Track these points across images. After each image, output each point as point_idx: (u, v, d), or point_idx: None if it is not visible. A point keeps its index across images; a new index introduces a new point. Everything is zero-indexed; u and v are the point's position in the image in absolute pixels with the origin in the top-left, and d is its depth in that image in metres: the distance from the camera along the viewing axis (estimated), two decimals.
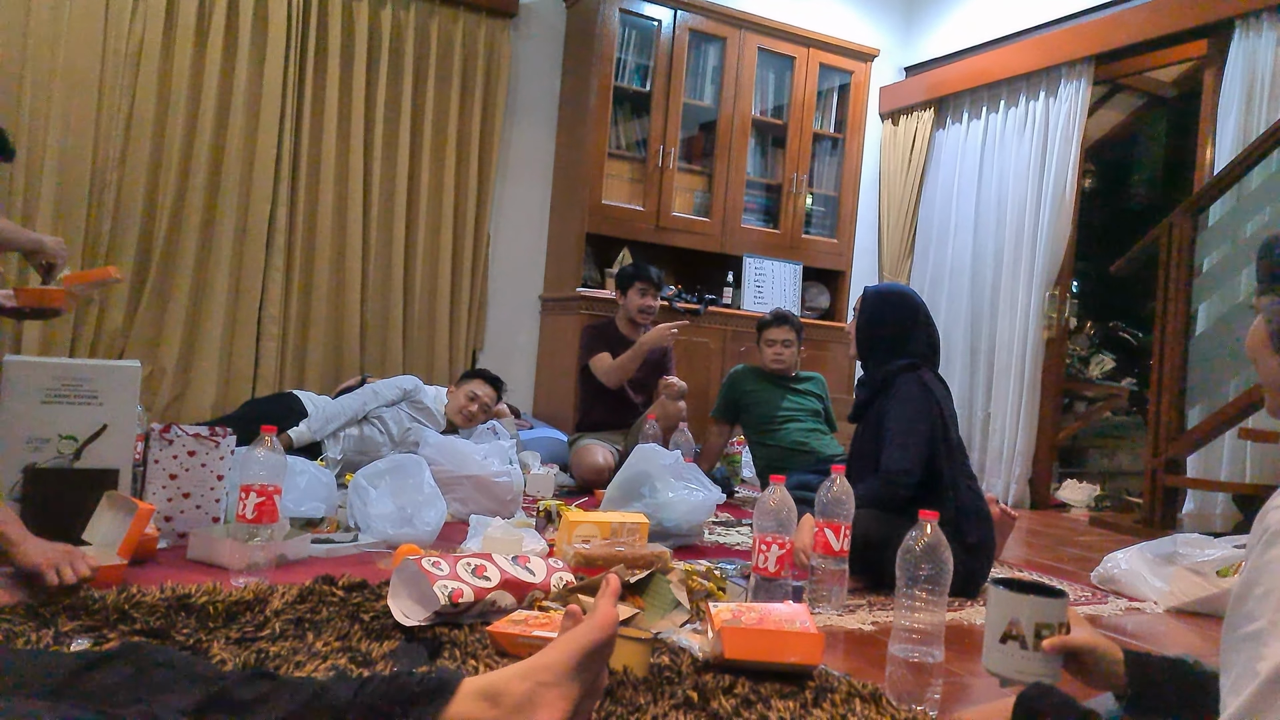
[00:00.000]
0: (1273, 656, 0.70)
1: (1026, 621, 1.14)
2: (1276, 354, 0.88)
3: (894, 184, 5.38)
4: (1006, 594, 1.17)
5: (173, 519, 2.11)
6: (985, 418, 4.73)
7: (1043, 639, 1.13)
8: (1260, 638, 0.71)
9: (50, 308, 2.25)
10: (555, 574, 1.80)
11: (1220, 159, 3.74)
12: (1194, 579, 2.36)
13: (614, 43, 4.47)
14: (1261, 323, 0.90)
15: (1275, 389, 0.90)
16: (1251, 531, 0.76)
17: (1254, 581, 0.74)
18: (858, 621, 1.96)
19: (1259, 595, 0.73)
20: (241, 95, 3.98)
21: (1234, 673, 0.74)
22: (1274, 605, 0.71)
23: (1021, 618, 1.15)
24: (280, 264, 4.09)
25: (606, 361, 3.74)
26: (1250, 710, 0.71)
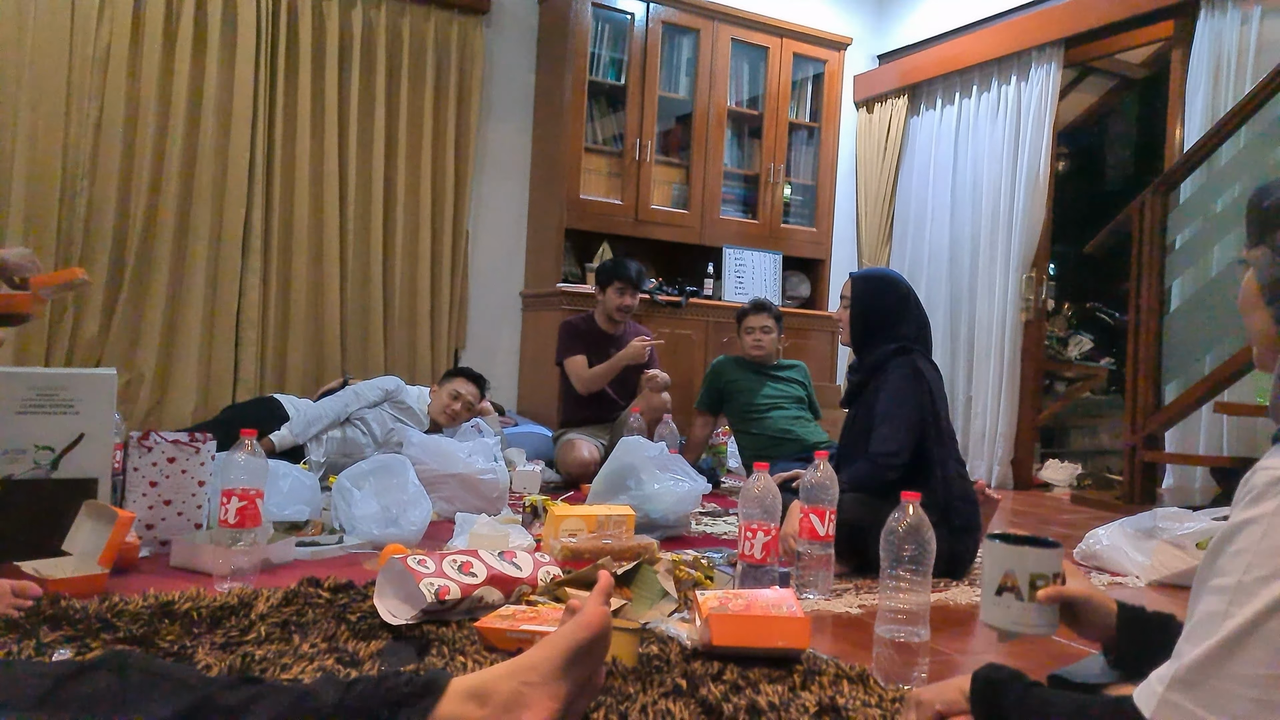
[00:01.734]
0: (1238, 616, 0.71)
1: (1021, 573, 1.13)
2: (1268, 307, 0.88)
3: (870, 172, 5.40)
4: (1002, 546, 1.16)
5: (154, 526, 2.10)
6: (967, 401, 4.76)
7: (1038, 590, 1.12)
8: (1226, 594, 0.73)
9: (18, 313, 2.22)
10: (542, 568, 1.80)
11: (1190, 137, 3.78)
12: (1174, 552, 2.39)
13: (587, 37, 4.46)
14: (1252, 276, 0.90)
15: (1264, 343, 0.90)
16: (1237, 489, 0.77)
17: (1230, 537, 0.75)
18: (845, 605, 1.97)
19: (1232, 552, 0.74)
20: (212, 98, 3.94)
21: (1195, 621, 0.76)
22: (1244, 565, 0.72)
23: (1016, 569, 1.14)
24: (257, 267, 4.06)
25: (580, 366, 3.75)
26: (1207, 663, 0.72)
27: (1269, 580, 0.71)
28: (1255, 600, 0.71)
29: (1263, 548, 0.72)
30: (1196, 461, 3.70)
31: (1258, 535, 0.72)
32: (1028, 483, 4.57)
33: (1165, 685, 0.75)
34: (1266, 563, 0.71)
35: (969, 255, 4.82)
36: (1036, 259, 4.52)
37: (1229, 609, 0.72)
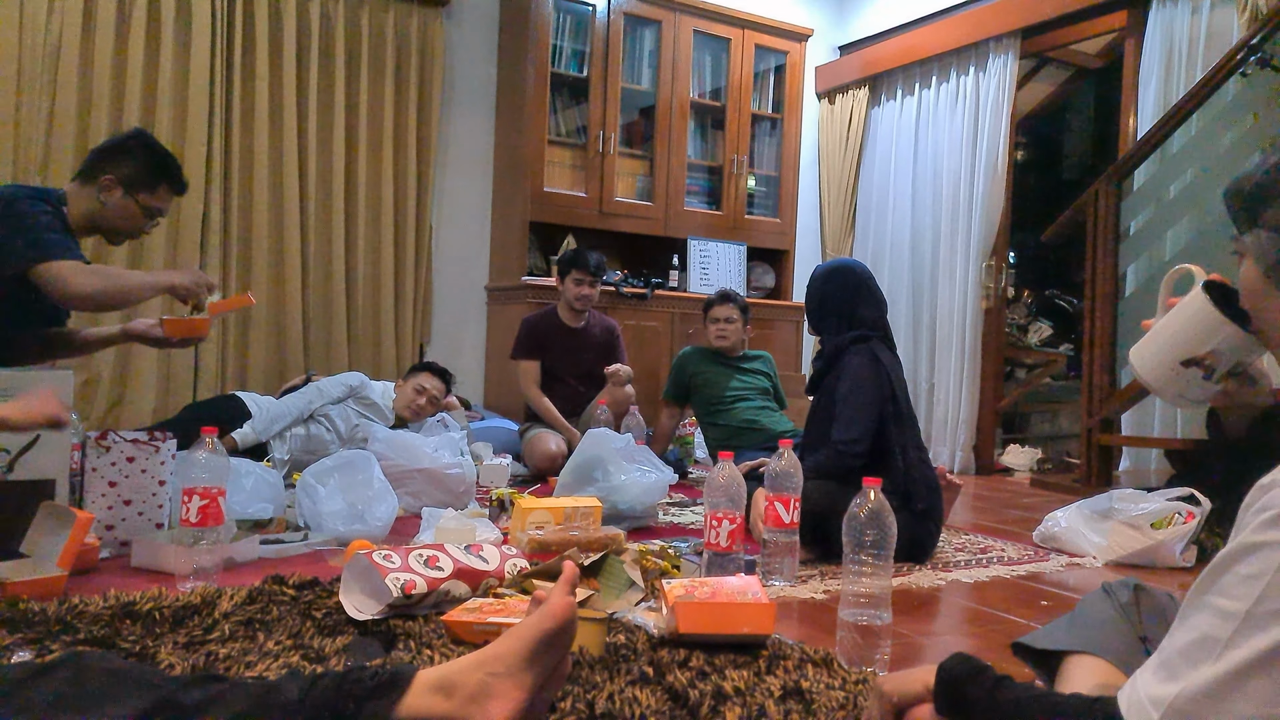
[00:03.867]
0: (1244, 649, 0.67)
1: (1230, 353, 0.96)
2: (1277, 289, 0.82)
3: (833, 162, 5.44)
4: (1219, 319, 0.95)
5: (114, 527, 2.07)
6: (929, 388, 4.83)
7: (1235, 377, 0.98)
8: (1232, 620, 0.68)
9: (196, 337, 2.38)
10: (509, 561, 1.80)
11: (1143, 126, 3.86)
12: (1129, 532, 2.45)
13: (549, 29, 4.44)
14: (1251, 265, 0.85)
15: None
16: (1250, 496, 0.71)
17: (1242, 557, 0.69)
18: (810, 591, 2.00)
19: (1244, 574, 0.68)
20: (167, 91, 3.87)
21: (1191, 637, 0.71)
22: (1256, 594, 0.67)
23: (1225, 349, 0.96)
24: (216, 264, 3.99)
25: (530, 374, 3.77)
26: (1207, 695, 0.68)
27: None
28: (1265, 635, 0.66)
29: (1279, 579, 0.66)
30: (1151, 444, 3.79)
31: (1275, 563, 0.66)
32: (989, 468, 4.65)
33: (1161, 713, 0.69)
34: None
35: (930, 244, 4.88)
36: (996, 247, 4.59)
37: (1234, 638, 0.67)
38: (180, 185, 2.38)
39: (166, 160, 2.35)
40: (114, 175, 2.25)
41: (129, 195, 2.27)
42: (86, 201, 2.25)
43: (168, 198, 2.35)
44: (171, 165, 2.35)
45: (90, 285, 2.10)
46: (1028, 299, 6.04)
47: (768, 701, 1.26)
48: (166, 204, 2.36)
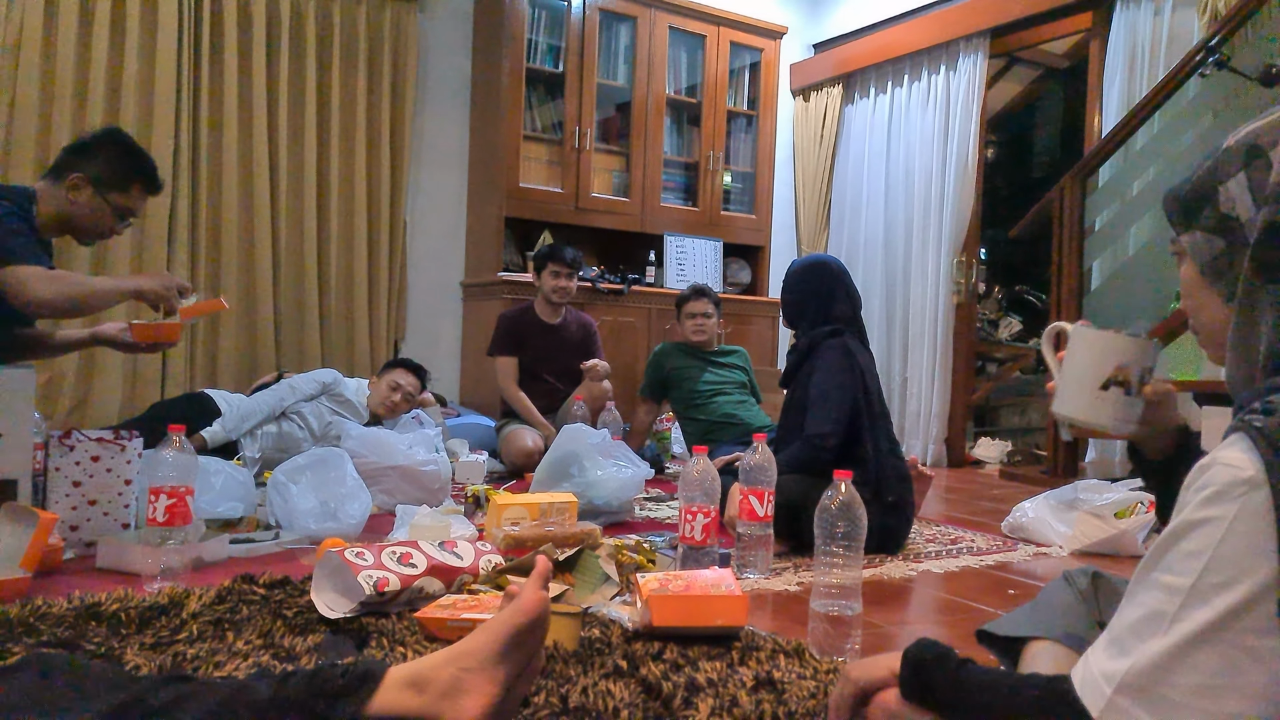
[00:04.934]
0: (1188, 622, 0.69)
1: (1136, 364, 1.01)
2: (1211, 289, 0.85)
3: (807, 159, 5.47)
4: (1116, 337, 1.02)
5: (79, 528, 2.04)
6: (903, 382, 4.88)
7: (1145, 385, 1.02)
8: (1177, 595, 0.70)
9: (166, 342, 2.35)
10: (484, 557, 1.79)
11: (1107, 124, 3.91)
12: (1095, 522, 2.49)
13: (524, 24, 4.43)
14: (1190, 265, 0.87)
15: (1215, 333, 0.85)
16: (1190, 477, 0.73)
17: (1184, 533, 0.71)
18: (783, 583, 2.01)
19: (1187, 550, 0.71)
20: (133, 84, 3.81)
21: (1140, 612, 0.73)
22: (1199, 568, 0.69)
23: (1132, 361, 1.01)
24: (184, 259, 3.94)
25: (508, 370, 3.76)
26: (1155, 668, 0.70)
27: (1224, 588, 0.68)
28: (1208, 608, 0.68)
29: (1221, 553, 0.69)
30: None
31: (1216, 538, 0.69)
32: (961, 460, 4.70)
33: (1114, 688, 0.72)
34: (1222, 569, 0.68)
35: (903, 240, 4.92)
36: (967, 243, 4.64)
37: (1179, 611, 0.70)
38: (154, 185, 2.33)
39: (140, 159, 2.30)
40: (84, 174, 2.20)
41: (99, 194, 2.22)
42: (56, 200, 2.20)
43: (140, 198, 2.30)
44: (145, 164, 2.30)
45: (50, 291, 2.04)
46: (998, 294, 6.11)
47: (740, 692, 1.27)
48: (139, 204, 2.31)
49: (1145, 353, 1.02)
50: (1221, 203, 0.82)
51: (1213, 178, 0.84)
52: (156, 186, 2.34)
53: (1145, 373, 1.02)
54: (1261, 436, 0.70)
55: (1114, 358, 1.01)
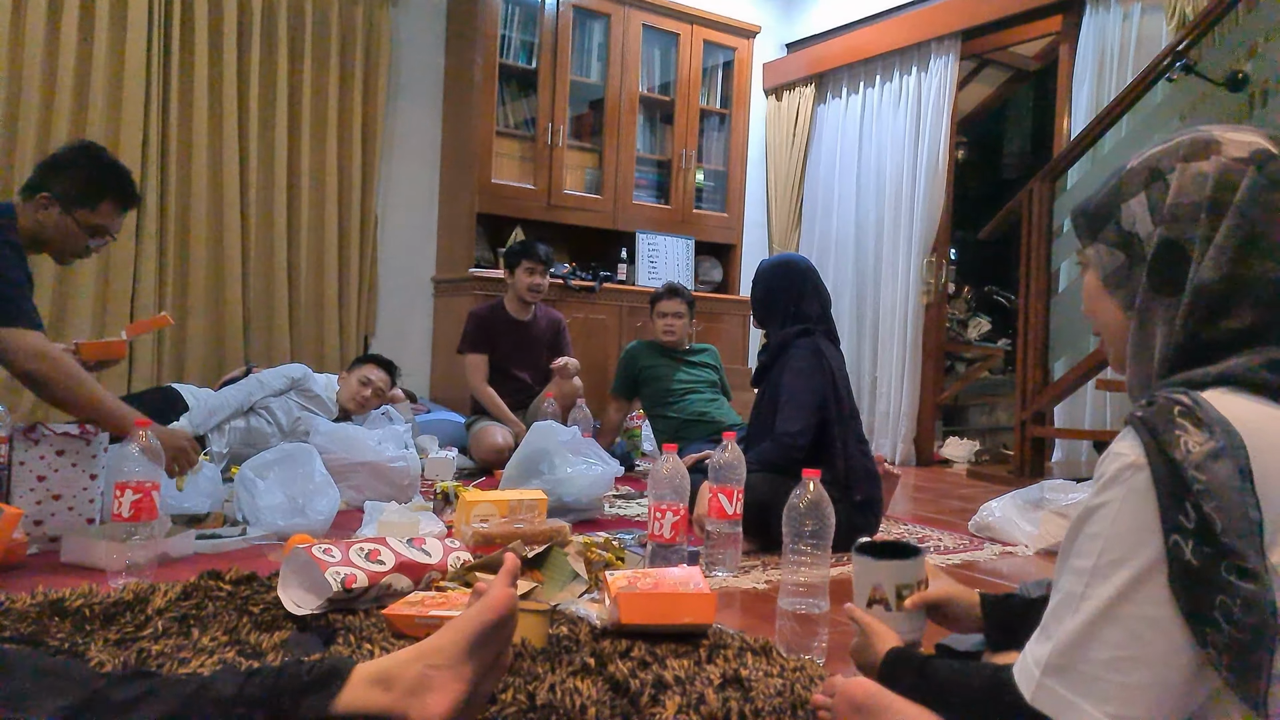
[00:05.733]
0: (1093, 599, 0.76)
1: (888, 584, 1.21)
2: (1110, 297, 0.92)
3: (780, 158, 5.50)
4: (868, 560, 1.23)
5: (43, 523, 2.01)
6: (872, 381, 4.92)
7: (904, 599, 1.21)
8: (1084, 576, 0.78)
9: (111, 358, 2.36)
10: (452, 554, 1.79)
11: (1076, 127, 3.98)
12: (1060, 521, 2.53)
13: (497, 20, 4.41)
14: (1092, 275, 0.95)
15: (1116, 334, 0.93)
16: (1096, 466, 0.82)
17: (1086, 519, 0.79)
18: (751, 581, 2.03)
19: (1088, 534, 0.78)
20: (101, 76, 3.75)
21: (1059, 597, 0.81)
22: (1098, 548, 0.77)
23: (883, 582, 1.21)
24: (152, 253, 3.89)
25: (478, 368, 3.76)
26: (1071, 647, 0.78)
27: (1119, 564, 0.75)
28: (1107, 584, 0.75)
29: (1113, 532, 0.76)
30: (1081, 435, 3.92)
31: (1109, 519, 0.76)
32: (929, 459, 4.76)
33: (1041, 669, 0.79)
34: (1117, 547, 0.76)
35: (874, 240, 4.96)
36: (937, 244, 4.69)
37: (1085, 590, 0.77)
38: (127, 199, 2.22)
39: (110, 173, 2.19)
40: (50, 193, 2.10)
41: (66, 213, 2.12)
42: (28, 219, 2.11)
43: (113, 214, 2.19)
44: (114, 179, 2.19)
45: (37, 371, 1.96)
46: (967, 295, 6.19)
47: (707, 690, 1.28)
48: (112, 221, 2.20)
49: (898, 572, 1.20)
50: (1123, 219, 0.89)
51: (1116, 196, 0.91)
52: (130, 200, 2.23)
53: (902, 589, 1.20)
54: (1143, 423, 0.77)
55: (868, 580, 1.22)
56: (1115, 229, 0.90)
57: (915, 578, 1.22)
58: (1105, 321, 0.94)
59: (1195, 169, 0.84)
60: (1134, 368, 0.89)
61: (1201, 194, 0.83)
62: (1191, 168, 0.85)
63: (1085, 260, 0.96)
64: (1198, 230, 0.83)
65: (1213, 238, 0.82)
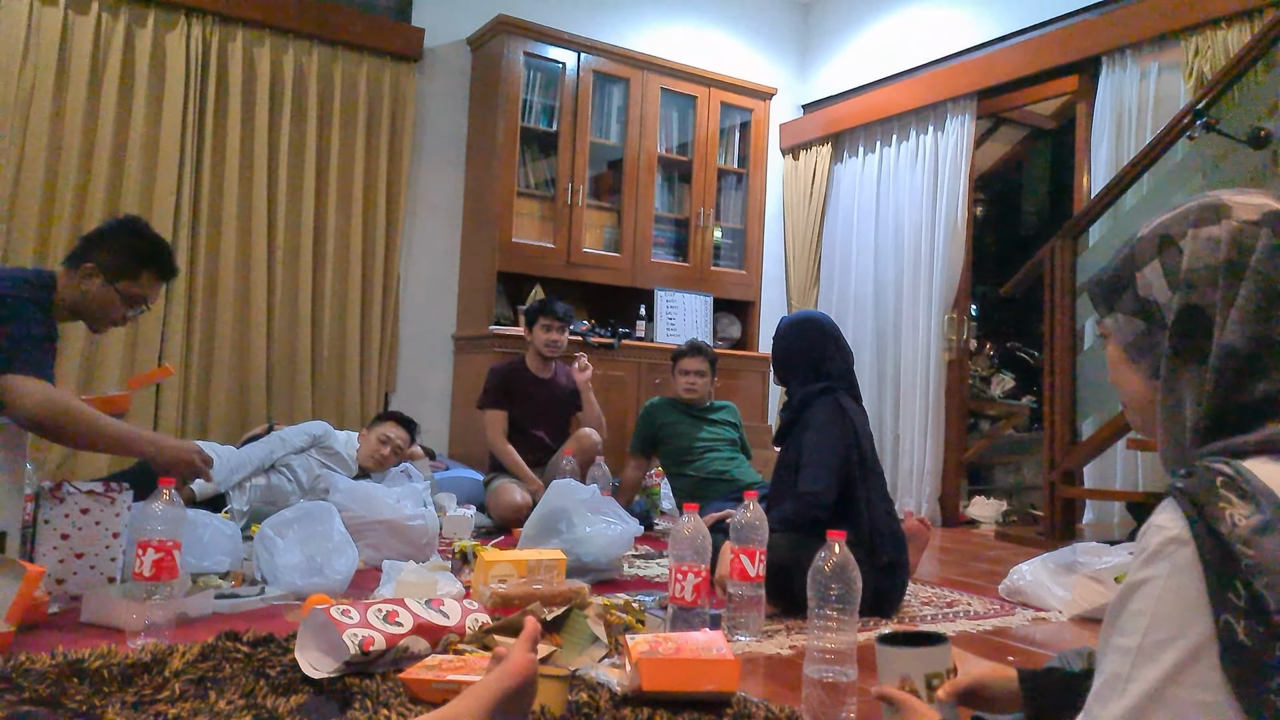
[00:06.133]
0: (1140, 681, 0.73)
1: (917, 675, 1.17)
2: (1134, 366, 0.91)
3: (797, 216, 5.54)
4: (893, 651, 1.19)
5: (65, 581, 2.01)
6: (895, 439, 4.87)
7: (934, 689, 1.16)
8: (1129, 656, 0.74)
9: (116, 412, 2.31)
10: (470, 615, 1.77)
11: (1096, 185, 3.98)
12: (1094, 586, 2.47)
13: (519, 85, 4.51)
14: (1114, 345, 0.93)
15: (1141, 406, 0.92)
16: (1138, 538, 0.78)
17: (1129, 595, 0.76)
18: (776, 646, 1.99)
19: (1133, 611, 0.75)
20: (138, 141, 3.87)
21: (1103, 679, 0.77)
22: (1143, 627, 0.73)
23: (911, 672, 1.17)
24: (180, 312, 3.95)
25: (497, 424, 3.76)
26: None
27: (1167, 645, 0.72)
28: (1155, 666, 0.72)
29: (1159, 610, 0.73)
30: (1112, 496, 3.84)
31: (1154, 596, 0.74)
32: (955, 519, 4.68)
33: None
34: (1163, 626, 0.73)
35: (893, 297, 4.96)
36: (958, 300, 4.68)
37: (1132, 672, 0.74)
38: (167, 271, 2.30)
39: (152, 246, 2.28)
40: (94, 263, 2.19)
41: (109, 284, 2.19)
42: (71, 289, 2.19)
43: (152, 285, 2.28)
44: (156, 252, 2.29)
45: (42, 414, 1.97)
46: (990, 351, 6.15)
47: None
48: (151, 291, 2.28)
49: (926, 662, 1.17)
50: (1139, 288, 0.89)
51: (1130, 264, 0.91)
52: (169, 273, 2.32)
53: (932, 678, 1.16)
54: (1184, 496, 0.75)
55: (896, 671, 1.18)
56: (1132, 297, 0.90)
57: (944, 665, 1.18)
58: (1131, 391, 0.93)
59: (1207, 234, 0.84)
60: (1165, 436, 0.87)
61: (1216, 258, 0.83)
62: (1203, 233, 0.84)
63: (1105, 331, 0.95)
64: (1217, 294, 0.82)
65: (1233, 301, 0.82)
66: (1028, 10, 4.44)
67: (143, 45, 3.89)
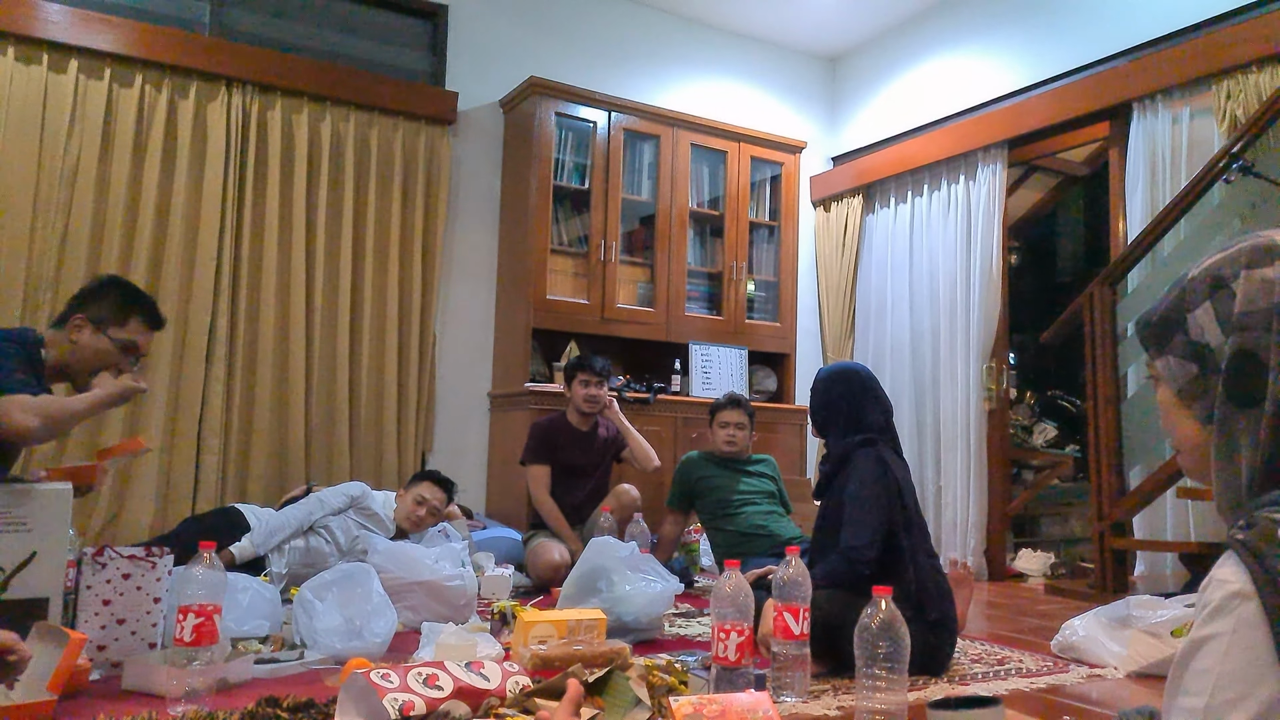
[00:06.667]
0: None
1: None
2: (1187, 411, 0.89)
3: (830, 267, 5.54)
4: (946, 715, 1.17)
5: (106, 647, 2.01)
6: (937, 491, 4.78)
7: None
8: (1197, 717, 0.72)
9: (82, 485, 2.30)
10: (511, 678, 1.74)
11: (1132, 230, 3.94)
12: (1150, 641, 2.38)
13: (551, 144, 4.60)
14: (1165, 389, 0.92)
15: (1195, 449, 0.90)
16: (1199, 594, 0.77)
17: (1194, 653, 0.74)
18: (822, 707, 1.93)
19: (1197, 670, 0.73)
20: (180, 207, 3.98)
21: None
22: (1210, 686, 0.72)
23: None
24: (221, 375, 4.02)
25: (541, 479, 3.74)
26: None
27: (1236, 704, 0.70)
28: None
29: (1226, 668, 0.71)
30: (1164, 547, 3.72)
31: (1219, 654, 0.72)
32: (1002, 573, 4.55)
33: None
34: (1231, 685, 0.71)
35: (930, 347, 4.91)
36: (996, 349, 4.62)
37: None
38: (153, 319, 2.37)
39: (136, 296, 2.38)
40: (83, 315, 2.28)
41: (99, 332, 2.27)
42: (59, 346, 2.26)
43: (141, 331, 2.34)
44: (143, 299, 2.38)
45: (34, 421, 2.02)
46: (1030, 400, 6.04)
47: None
48: (142, 339, 2.34)
49: None
50: (1191, 330, 0.88)
51: (1181, 306, 0.89)
52: (156, 321, 2.38)
53: None
54: (1246, 549, 0.73)
55: None
56: (1184, 340, 0.88)
57: None
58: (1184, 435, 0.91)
59: (1260, 275, 0.83)
60: (1221, 483, 0.85)
61: (1270, 300, 0.81)
62: (1256, 274, 0.83)
63: (1156, 374, 0.93)
64: (1271, 338, 0.81)
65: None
66: (1056, 59, 4.46)
67: (185, 116, 4.02)
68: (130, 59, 3.92)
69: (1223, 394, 0.83)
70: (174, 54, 4.00)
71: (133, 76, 3.94)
